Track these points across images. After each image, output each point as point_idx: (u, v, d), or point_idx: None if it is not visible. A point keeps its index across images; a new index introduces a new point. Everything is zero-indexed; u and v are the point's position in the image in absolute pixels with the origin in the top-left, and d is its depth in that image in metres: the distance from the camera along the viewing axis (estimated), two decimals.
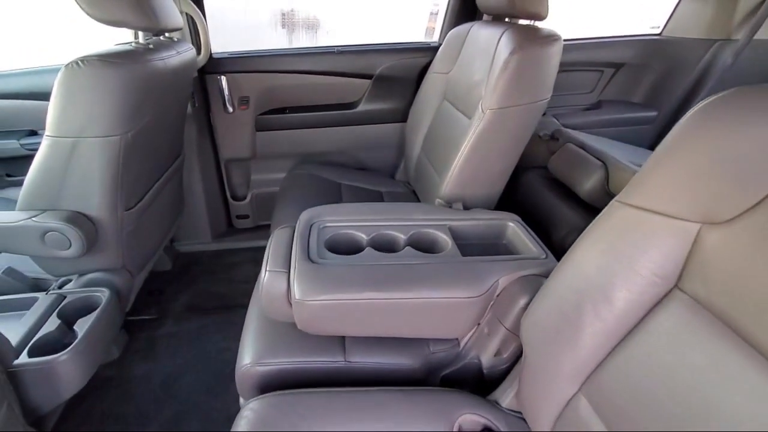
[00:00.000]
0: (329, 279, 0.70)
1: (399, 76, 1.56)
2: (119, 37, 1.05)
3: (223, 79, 1.45)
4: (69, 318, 0.88)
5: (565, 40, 1.65)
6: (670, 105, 1.63)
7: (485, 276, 0.74)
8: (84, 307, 0.90)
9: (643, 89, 1.68)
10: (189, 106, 1.37)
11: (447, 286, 0.72)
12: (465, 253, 0.81)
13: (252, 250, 1.73)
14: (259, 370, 0.73)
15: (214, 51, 1.44)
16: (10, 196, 1.37)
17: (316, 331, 0.74)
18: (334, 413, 0.65)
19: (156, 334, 1.30)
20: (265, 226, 1.81)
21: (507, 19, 1.13)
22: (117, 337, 1.18)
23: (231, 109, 1.51)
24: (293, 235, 0.83)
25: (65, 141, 0.83)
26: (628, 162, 1.20)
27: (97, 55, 0.81)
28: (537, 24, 1.05)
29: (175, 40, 1.13)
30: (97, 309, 0.89)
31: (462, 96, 1.15)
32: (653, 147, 0.67)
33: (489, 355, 0.79)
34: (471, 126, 1.02)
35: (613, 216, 0.54)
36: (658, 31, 1.65)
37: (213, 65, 1.44)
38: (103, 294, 0.92)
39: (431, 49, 1.50)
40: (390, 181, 1.57)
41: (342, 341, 0.79)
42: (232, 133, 1.58)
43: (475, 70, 1.09)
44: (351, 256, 0.78)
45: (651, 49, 1.62)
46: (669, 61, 1.59)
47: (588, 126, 1.63)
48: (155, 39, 1.04)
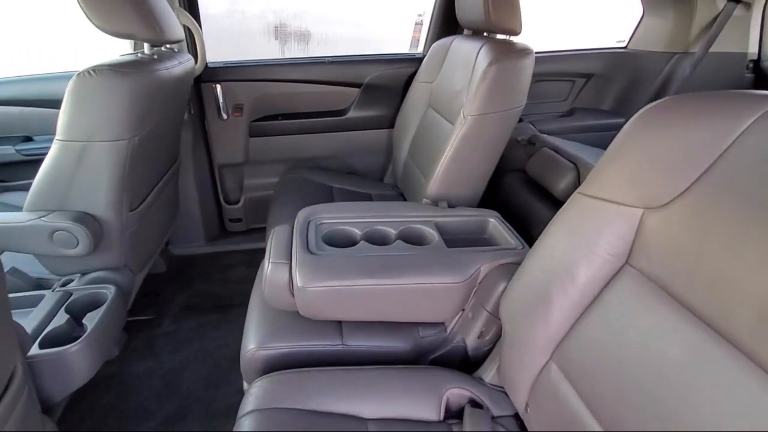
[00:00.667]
0: (328, 268, 0.78)
1: (386, 84, 1.65)
2: (115, 39, 1.09)
3: (218, 87, 1.51)
4: (76, 313, 0.92)
5: (540, 53, 1.78)
6: (636, 112, 1.77)
7: (468, 264, 0.82)
8: (91, 302, 0.95)
9: (611, 98, 1.81)
10: (185, 113, 1.43)
11: (434, 273, 0.80)
12: (450, 246, 0.90)
13: (245, 252, 1.77)
14: (263, 354, 0.79)
15: (209, 60, 1.51)
16: (6, 201, 1.39)
17: (316, 316, 0.81)
18: (334, 389, 0.71)
19: (154, 333, 1.34)
20: (257, 229, 1.86)
21: (485, 34, 1.23)
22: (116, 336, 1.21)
23: (225, 116, 1.57)
24: (292, 231, 0.90)
25: (75, 145, 0.89)
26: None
27: (108, 64, 0.87)
28: (512, 39, 1.15)
29: (176, 50, 1.19)
30: (103, 304, 0.93)
31: (445, 103, 1.25)
32: None
33: (473, 338, 0.87)
34: (454, 131, 1.11)
35: (574, 205, 0.63)
36: (623, 44, 1.80)
37: (208, 74, 1.50)
38: (108, 290, 0.97)
39: (416, 60, 1.59)
40: (379, 184, 1.65)
41: (339, 326, 0.86)
42: (226, 139, 1.64)
43: (457, 80, 1.19)
44: (347, 248, 0.86)
45: (617, 61, 1.76)
46: (634, 72, 1.73)
47: (562, 132, 1.75)
48: (157, 49, 1.10)
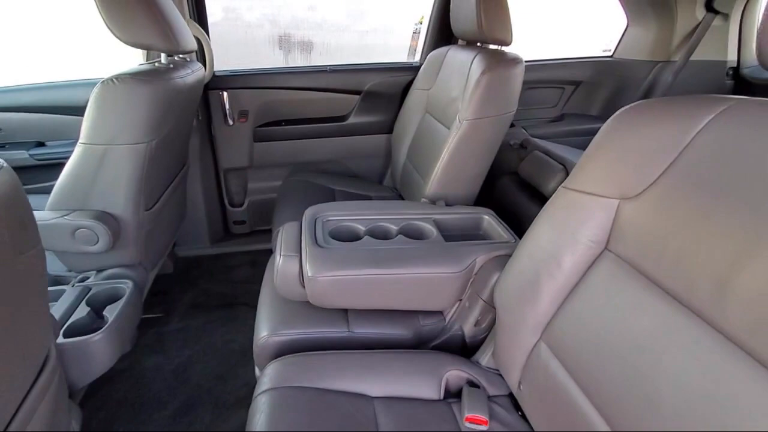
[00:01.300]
0: (336, 259, 0.84)
1: (385, 92, 1.73)
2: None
3: (225, 94, 1.58)
4: (97, 306, 0.97)
5: (531, 61, 1.87)
6: None
7: (465, 256, 0.89)
8: (110, 296, 1.00)
9: (599, 104, 1.91)
10: (194, 119, 1.50)
11: (433, 263, 0.87)
12: (448, 240, 0.97)
13: (249, 253, 1.83)
14: (276, 340, 0.85)
15: (216, 69, 1.58)
16: None
17: (325, 304, 0.87)
18: (343, 370, 0.77)
19: (163, 330, 1.39)
20: (260, 231, 1.92)
21: (478, 44, 1.32)
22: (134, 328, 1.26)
23: (231, 121, 1.64)
24: (301, 228, 0.96)
25: (98, 148, 0.95)
26: None
27: (129, 73, 0.94)
28: (503, 49, 1.23)
29: (188, 60, 1.26)
30: (122, 297, 0.99)
31: (442, 109, 1.32)
32: None
33: (470, 326, 0.94)
34: (450, 135, 1.19)
35: (559, 199, 0.70)
36: (609, 53, 1.89)
37: (215, 82, 1.57)
38: (126, 285, 1.03)
39: (413, 68, 1.67)
40: (378, 187, 1.72)
41: (345, 315, 0.92)
42: (232, 144, 1.71)
43: (453, 87, 1.27)
44: (352, 242, 0.92)
45: (604, 69, 1.85)
46: (619, 80, 1.83)
47: (552, 136, 1.83)
48: (172, 59, 1.17)
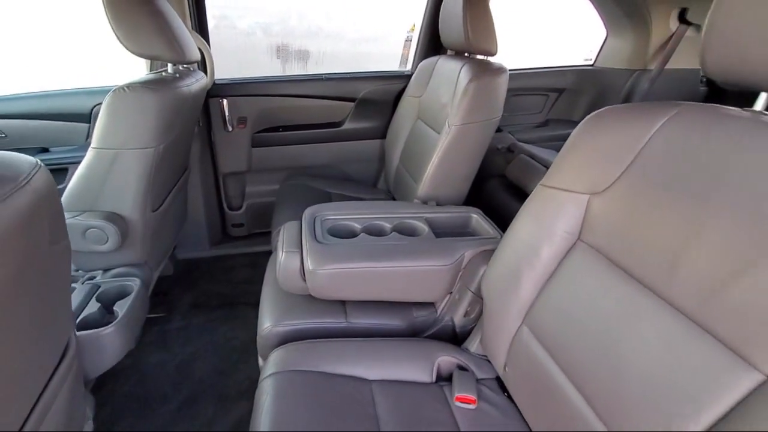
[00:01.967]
0: (334, 254, 0.91)
1: (378, 99, 1.81)
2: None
3: (224, 101, 1.64)
4: (106, 302, 1.02)
5: (518, 70, 1.96)
6: None
7: (454, 250, 0.96)
8: (119, 293, 1.06)
9: (581, 110, 2.00)
10: (196, 125, 1.56)
11: (425, 257, 0.93)
12: (438, 236, 1.04)
13: (247, 255, 1.88)
14: (278, 330, 0.91)
15: (216, 77, 1.64)
16: None
17: (325, 296, 0.93)
18: (342, 356, 0.84)
19: (166, 328, 1.44)
20: (258, 233, 1.98)
21: (466, 54, 1.40)
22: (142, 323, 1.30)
23: (230, 128, 1.70)
24: (301, 226, 1.03)
25: (109, 152, 1.01)
26: None
27: (140, 82, 1.00)
28: (489, 59, 1.32)
29: (192, 69, 1.32)
30: (131, 294, 1.04)
31: (432, 115, 1.40)
32: None
33: (460, 316, 1.00)
34: (440, 139, 1.26)
35: (537, 195, 0.78)
36: (590, 62, 2.00)
37: (216, 90, 1.63)
38: (134, 282, 1.08)
39: (405, 77, 1.76)
40: (372, 190, 1.79)
41: (343, 306, 0.98)
42: (231, 149, 1.77)
43: (442, 95, 1.35)
44: (349, 239, 0.99)
45: (585, 77, 1.96)
46: (600, 87, 1.93)
47: (538, 141, 1.92)
48: (176, 68, 1.23)
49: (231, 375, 1.26)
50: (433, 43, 1.69)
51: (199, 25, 1.54)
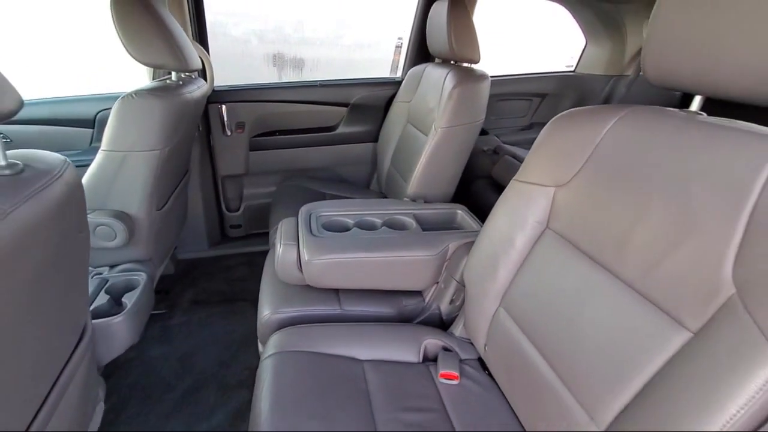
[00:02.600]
0: (328, 245, 0.98)
1: (370, 104, 1.90)
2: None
3: (223, 107, 1.72)
4: (115, 294, 1.09)
5: (503, 76, 2.06)
6: None
7: (439, 242, 1.04)
8: (126, 286, 1.12)
9: None
10: (196, 130, 1.63)
11: (412, 248, 1.01)
12: (425, 230, 1.12)
13: (245, 255, 1.95)
14: (277, 317, 0.99)
15: (215, 84, 1.72)
16: None
17: (320, 284, 1.00)
18: (336, 338, 0.91)
19: (168, 323, 1.50)
20: (255, 234, 2.05)
21: (452, 62, 1.49)
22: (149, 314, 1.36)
23: (229, 132, 1.77)
24: (297, 221, 1.10)
25: (118, 154, 1.08)
26: None
27: (146, 89, 1.08)
28: (473, 66, 1.41)
29: (193, 77, 1.40)
30: (138, 287, 1.11)
31: (421, 119, 1.49)
32: None
33: (446, 304, 1.08)
34: (428, 141, 1.35)
35: (511, 189, 0.86)
36: (572, 68, 2.10)
37: (215, 96, 1.71)
38: (141, 276, 1.15)
39: (396, 83, 1.85)
40: (365, 191, 1.87)
41: (337, 295, 1.06)
42: (229, 153, 1.84)
43: (429, 100, 1.44)
44: (342, 233, 1.07)
45: (567, 82, 2.06)
46: (580, 92, 2.04)
47: (522, 143, 2.02)
48: (179, 76, 1.31)
49: (231, 365, 1.33)
50: (421, 51, 1.79)
51: (199, 35, 1.62)
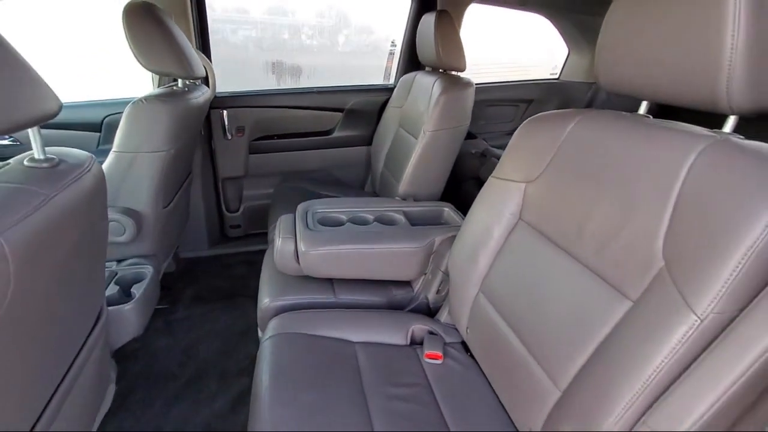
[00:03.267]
0: (323, 238, 1.07)
1: (365, 109, 2.00)
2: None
3: (225, 112, 1.81)
4: (124, 286, 1.17)
5: (492, 83, 2.16)
6: None
7: (425, 235, 1.13)
8: (134, 279, 1.20)
9: None
10: (199, 134, 1.72)
11: (400, 240, 1.10)
12: (414, 226, 1.20)
13: (244, 254, 2.03)
14: (276, 305, 1.07)
15: (217, 91, 1.81)
16: None
17: (315, 273, 1.09)
18: (330, 322, 0.99)
19: (170, 318, 1.57)
20: (254, 234, 2.13)
21: (440, 70, 1.59)
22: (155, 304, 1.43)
23: (229, 136, 1.86)
24: (295, 217, 1.19)
25: (128, 155, 1.16)
26: None
27: (155, 95, 1.16)
28: (459, 74, 1.51)
29: (197, 84, 1.49)
30: (145, 278, 1.19)
31: (411, 123, 1.59)
32: None
33: (432, 293, 1.17)
34: (417, 143, 1.44)
35: (489, 185, 0.95)
36: (556, 76, 2.21)
37: (217, 102, 1.80)
38: (147, 269, 1.22)
39: (389, 89, 1.95)
40: (360, 192, 1.96)
41: (332, 285, 1.14)
42: (229, 155, 1.93)
43: (419, 105, 1.53)
44: (336, 227, 1.15)
45: (551, 89, 2.17)
46: (564, 98, 2.14)
47: None
48: (184, 82, 1.40)
49: (232, 355, 1.40)
50: (412, 60, 1.89)
51: (202, 44, 1.72)
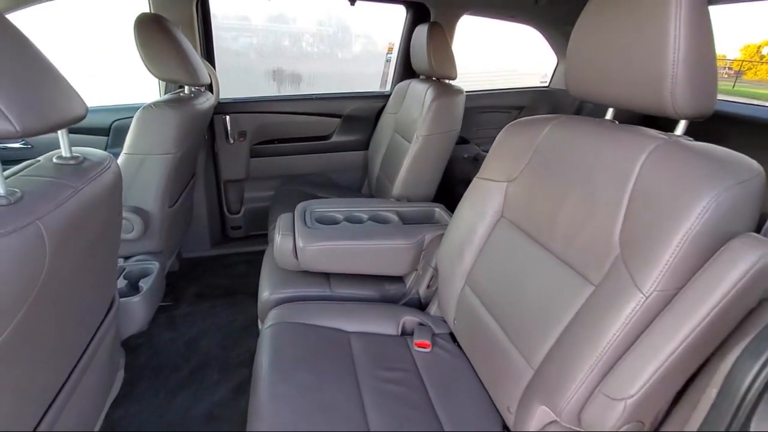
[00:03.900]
0: (320, 235, 1.14)
1: (362, 115, 2.08)
2: None
3: (227, 117, 1.89)
4: (132, 280, 1.24)
5: (484, 91, 2.24)
6: None
7: (416, 233, 1.20)
8: (141, 274, 1.27)
9: None
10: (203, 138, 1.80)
11: (393, 237, 1.17)
12: (406, 224, 1.28)
13: (245, 254, 2.10)
14: (275, 297, 1.13)
15: (220, 97, 1.90)
16: None
17: (312, 268, 1.16)
18: (326, 313, 1.06)
19: (174, 314, 1.64)
20: (255, 235, 2.20)
21: (433, 78, 1.67)
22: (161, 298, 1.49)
23: (232, 140, 1.94)
24: (293, 216, 1.26)
25: (137, 157, 1.24)
26: None
27: (164, 101, 1.24)
28: (450, 82, 1.59)
29: (202, 90, 1.57)
30: (152, 273, 1.26)
31: (406, 128, 1.66)
32: None
33: (423, 288, 1.23)
34: (411, 148, 1.52)
35: (474, 186, 1.03)
36: (546, 83, 2.30)
37: (220, 107, 1.88)
38: (154, 265, 1.29)
39: (385, 96, 2.03)
40: (357, 194, 2.04)
41: (328, 279, 1.21)
42: (232, 159, 2.00)
43: (413, 111, 1.61)
44: (332, 225, 1.22)
45: (541, 96, 2.26)
46: (554, 105, 2.23)
47: None
48: (190, 89, 1.48)
49: (233, 349, 1.47)
50: (407, 68, 1.97)
51: (207, 52, 1.80)
